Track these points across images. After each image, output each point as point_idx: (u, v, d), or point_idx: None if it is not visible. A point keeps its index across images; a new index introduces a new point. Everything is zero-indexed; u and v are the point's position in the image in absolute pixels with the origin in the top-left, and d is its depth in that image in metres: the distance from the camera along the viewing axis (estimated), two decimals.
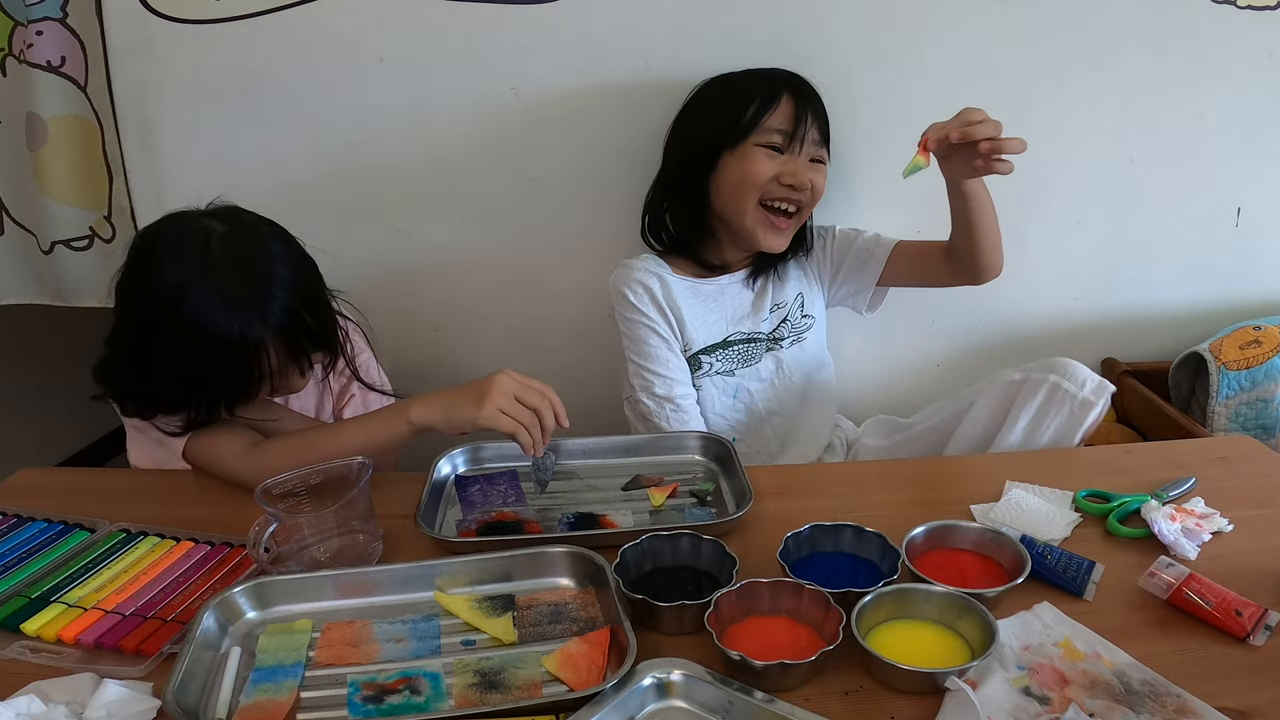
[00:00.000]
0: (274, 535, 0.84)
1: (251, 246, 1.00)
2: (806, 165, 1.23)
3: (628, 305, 1.29)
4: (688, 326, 1.29)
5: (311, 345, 1.03)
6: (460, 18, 1.37)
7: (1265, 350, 1.55)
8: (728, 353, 1.33)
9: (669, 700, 0.70)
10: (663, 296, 1.28)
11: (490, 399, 0.95)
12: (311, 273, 1.07)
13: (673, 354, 1.29)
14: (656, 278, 1.29)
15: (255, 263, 0.99)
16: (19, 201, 1.56)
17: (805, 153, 1.23)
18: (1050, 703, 0.70)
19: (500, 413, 0.94)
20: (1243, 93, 1.54)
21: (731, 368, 1.33)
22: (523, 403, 0.96)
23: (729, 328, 1.33)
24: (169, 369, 0.98)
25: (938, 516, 0.89)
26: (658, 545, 0.85)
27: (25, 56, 1.41)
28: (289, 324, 0.98)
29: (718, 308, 1.33)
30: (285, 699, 0.71)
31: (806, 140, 1.22)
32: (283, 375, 1.02)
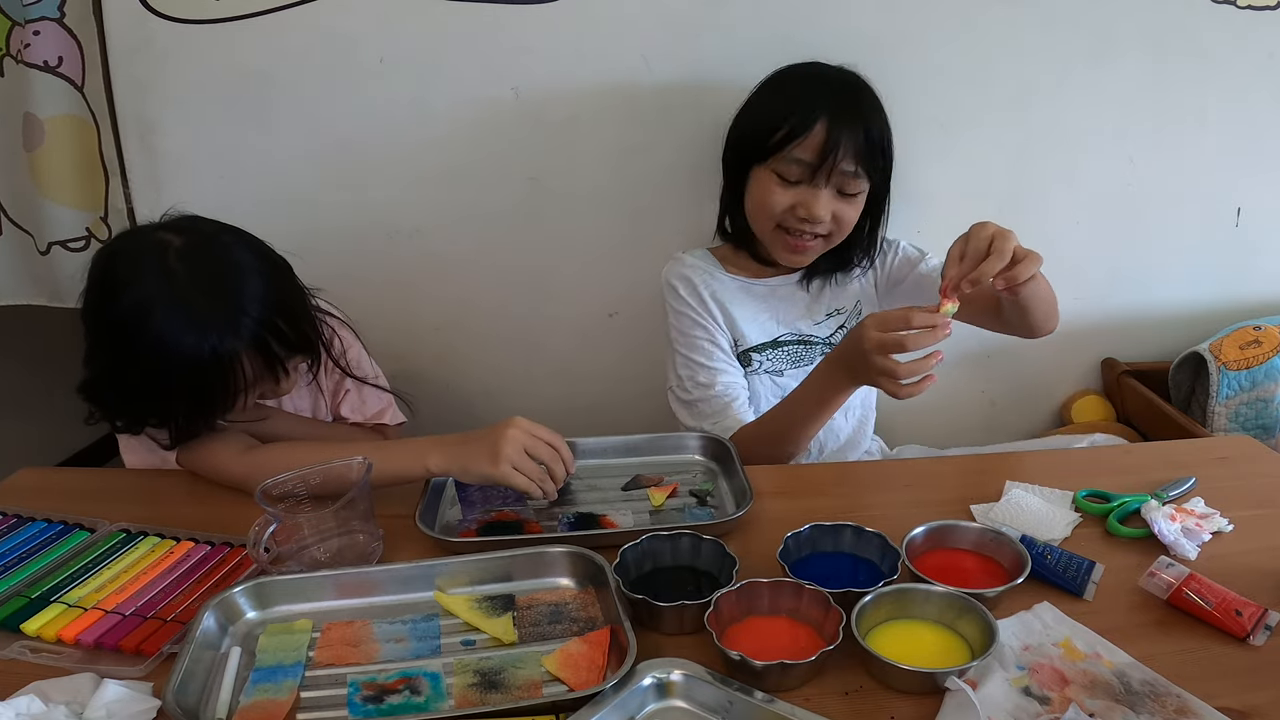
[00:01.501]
0: (274, 535, 0.84)
1: (213, 258, 0.98)
2: (828, 199, 1.17)
3: (674, 296, 1.29)
4: (737, 323, 1.28)
5: (288, 352, 1.01)
6: (460, 18, 1.37)
7: (1265, 350, 1.55)
8: (778, 353, 1.31)
9: (669, 700, 0.70)
10: (707, 291, 1.27)
11: (504, 456, 0.95)
12: (282, 277, 1.04)
13: (718, 347, 1.27)
14: (704, 272, 1.29)
15: (220, 275, 0.97)
16: (16, 202, 1.56)
17: (831, 184, 1.17)
18: (1050, 703, 0.70)
19: (514, 470, 0.95)
20: (1243, 93, 1.54)
21: (781, 368, 1.31)
22: (534, 456, 0.97)
23: (780, 328, 1.31)
24: (146, 389, 0.97)
25: (938, 516, 0.89)
26: (658, 545, 0.85)
27: (22, 56, 1.41)
28: (261, 334, 0.96)
29: (768, 307, 1.31)
30: (285, 699, 0.71)
31: (834, 173, 1.15)
32: (262, 384, 1.01)
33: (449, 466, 0.98)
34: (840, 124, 1.14)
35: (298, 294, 1.06)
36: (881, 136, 1.18)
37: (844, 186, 1.17)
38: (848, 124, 1.15)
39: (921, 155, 1.54)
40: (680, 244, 1.58)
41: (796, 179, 1.17)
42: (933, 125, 1.51)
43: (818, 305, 1.32)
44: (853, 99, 1.18)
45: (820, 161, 1.14)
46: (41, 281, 1.60)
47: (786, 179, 1.17)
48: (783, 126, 1.15)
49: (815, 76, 1.22)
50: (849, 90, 1.20)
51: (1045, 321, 1.18)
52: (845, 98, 1.18)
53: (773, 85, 1.24)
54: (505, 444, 0.95)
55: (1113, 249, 1.63)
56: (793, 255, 1.24)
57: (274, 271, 1.03)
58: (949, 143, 1.53)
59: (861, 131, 1.15)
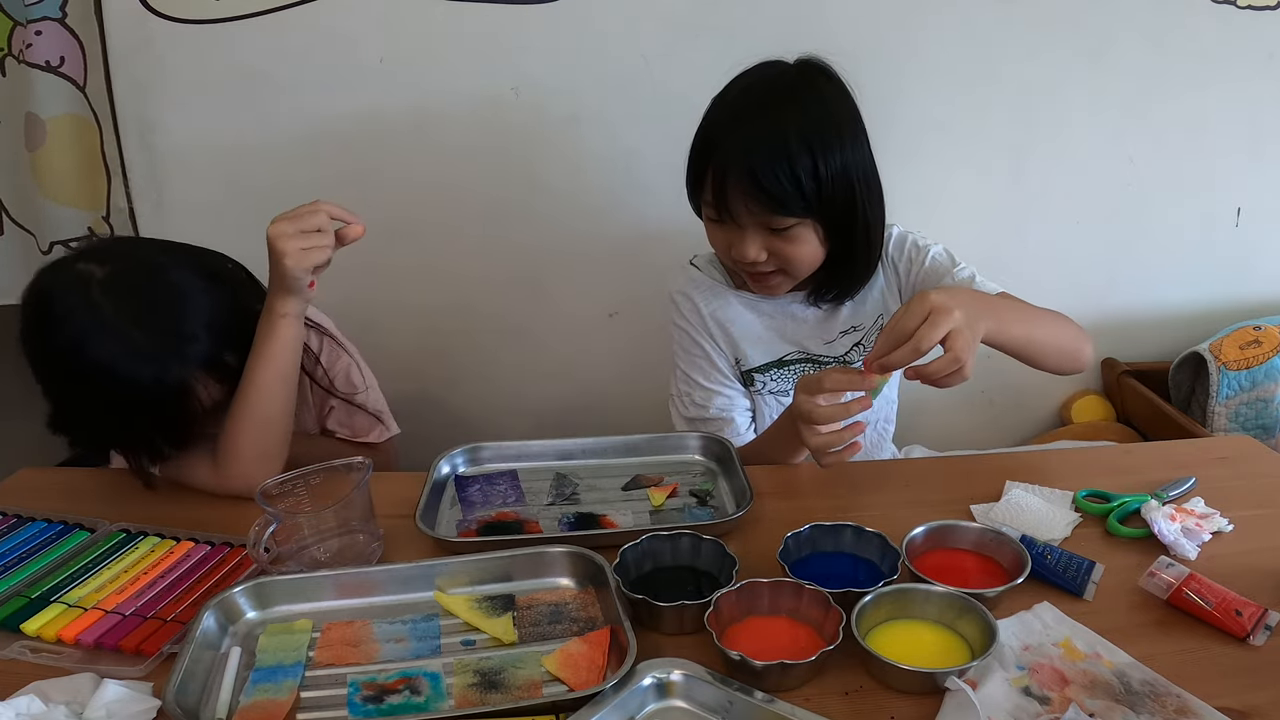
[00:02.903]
0: (274, 535, 0.84)
1: (142, 285, 0.95)
2: (756, 238, 1.05)
3: (675, 311, 1.23)
4: (739, 343, 1.20)
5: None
6: (460, 18, 1.37)
7: (1265, 350, 1.55)
8: (783, 373, 1.22)
9: (669, 700, 0.70)
10: (708, 309, 1.20)
11: (286, 254, 0.93)
12: (232, 291, 1.01)
13: (715, 367, 1.21)
14: (707, 289, 1.21)
15: (154, 303, 0.94)
16: (18, 202, 1.56)
17: (752, 224, 1.04)
18: (1050, 703, 0.70)
19: (303, 251, 0.93)
20: (1243, 93, 1.55)
21: (786, 388, 1.23)
22: (309, 230, 0.95)
23: (787, 346, 1.22)
24: (105, 422, 0.96)
25: (938, 516, 0.89)
26: (658, 545, 0.85)
27: (24, 56, 1.42)
28: (214, 353, 0.94)
29: (775, 325, 1.21)
30: (285, 699, 0.71)
31: (746, 214, 1.03)
32: (227, 401, 0.99)
33: (279, 295, 0.97)
34: (735, 164, 1.01)
35: (253, 305, 1.01)
36: (816, 165, 1.00)
37: (770, 224, 1.03)
38: (754, 162, 0.99)
39: (921, 155, 1.54)
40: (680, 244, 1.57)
41: (717, 217, 1.06)
42: (933, 125, 1.52)
43: (830, 323, 1.21)
44: (766, 128, 1.01)
45: (719, 204, 1.04)
46: None
47: (712, 217, 1.08)
48: (690, 164, 1.09)
49: (732, 101, 1.08)
50: (766, 115, 1.02)
51: (1059, 367, 1.07)
52: (757, 126, 1.02)
53: (708, 108, 1.11)
54: (280, 244, 0.93)
55: (1113, 249, 1.63)
56: (761, 289, 1.16)
57: (220, 288, 1.00)
58: (949, 143, 1.53)
59: (775, 166, 0.99)
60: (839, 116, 1.05)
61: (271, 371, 0.97)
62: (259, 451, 1.00)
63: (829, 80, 1.08)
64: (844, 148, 1.03)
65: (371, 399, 1.23)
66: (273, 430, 1.00)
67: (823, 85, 1.07)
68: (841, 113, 1.06)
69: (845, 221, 1.06)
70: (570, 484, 1.04)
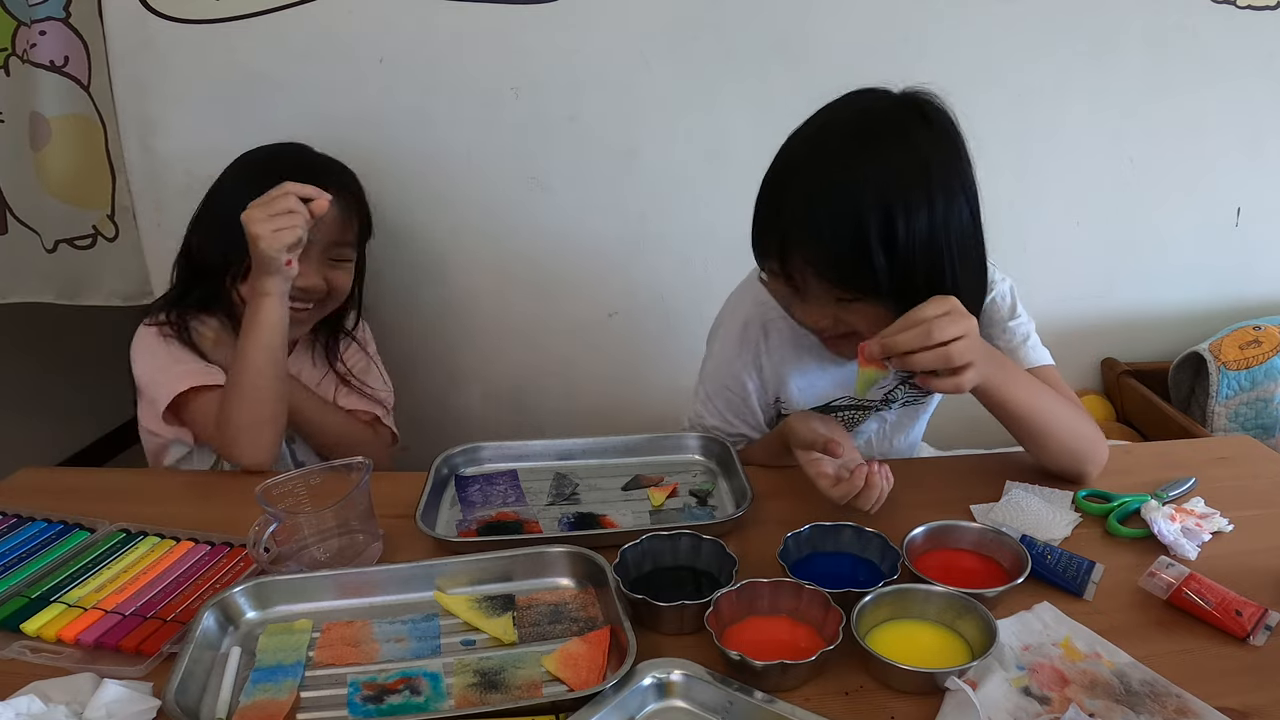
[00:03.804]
0: (274, 535, 0.84)
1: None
2: (821, 307, 0.94)
3: (728, 334, 1.12)
4: (788, 385, 1.10)
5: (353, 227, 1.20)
6: (460, 18, 1.37)
7: (1265, 350, 1.55)
8: (853, 416, 1.15)
9: (669, 700, 0.70)
10: (764, 346, 1.08)
11: (260, 238, 1.00)
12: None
13: (747, 407, 1.11)
14: (772, 323, 1.08)
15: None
16: (22, 200, 1.56)
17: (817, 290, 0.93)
18: (1050, 703, 0.70)
19: (274, 232, 1.00)
20: (1243, 93, 1.55)
21: (851, 425, 1.16)
22: (279, 213, 1.01)
23: (837, 392, 1.11)
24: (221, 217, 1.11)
25: (938, 516, 0.89)
26: (658, 545, 0.85)
27: (29, 56, 1.42)
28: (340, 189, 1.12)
29: (828, 370, 1.10)
30: (285, 699, 0.71)
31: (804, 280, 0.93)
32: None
33: (260, 276, 1.04)
34: (798, 224, 0.90)
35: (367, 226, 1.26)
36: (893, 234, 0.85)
37: (836, 294, 0.93)
38: (819, 224, 0.88)
39: None
40: (680, 244, 1.58)
41: (780, 270, 0.95)
42: None
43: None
44: (837, 182, 0.88)
45: (781, 262, 0.93)
46: (48, 279, 1.61)
47: (774, 270, 0.96)
48: (755, 209, 0.96)
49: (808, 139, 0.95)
50: (839, 165, 0.89)
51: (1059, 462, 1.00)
52: (827, 178, 0.89)
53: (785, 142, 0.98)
54: (252, 227, 1.00)
55: (1113, 249, 1.63)
56: (831, 349, 1.04)
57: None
58: None
59: (841, 232, 0.87)
60: (932, 170, 0.88)
61: (258, 346, 1.05)
62: (252, 419, 1.06)
63: (927, 124, 0.91)
64: (933, 209, 0.86)
65: (379, 387, 1.31)
66: (262, 400, 1.07)
67: (916, 129, 0.89)
68: (937, 165, 0.88)
69: (927, 294, 0.85)
70: (570, 484, 1.04)
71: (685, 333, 1.63)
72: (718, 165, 1.51)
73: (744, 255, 1.65)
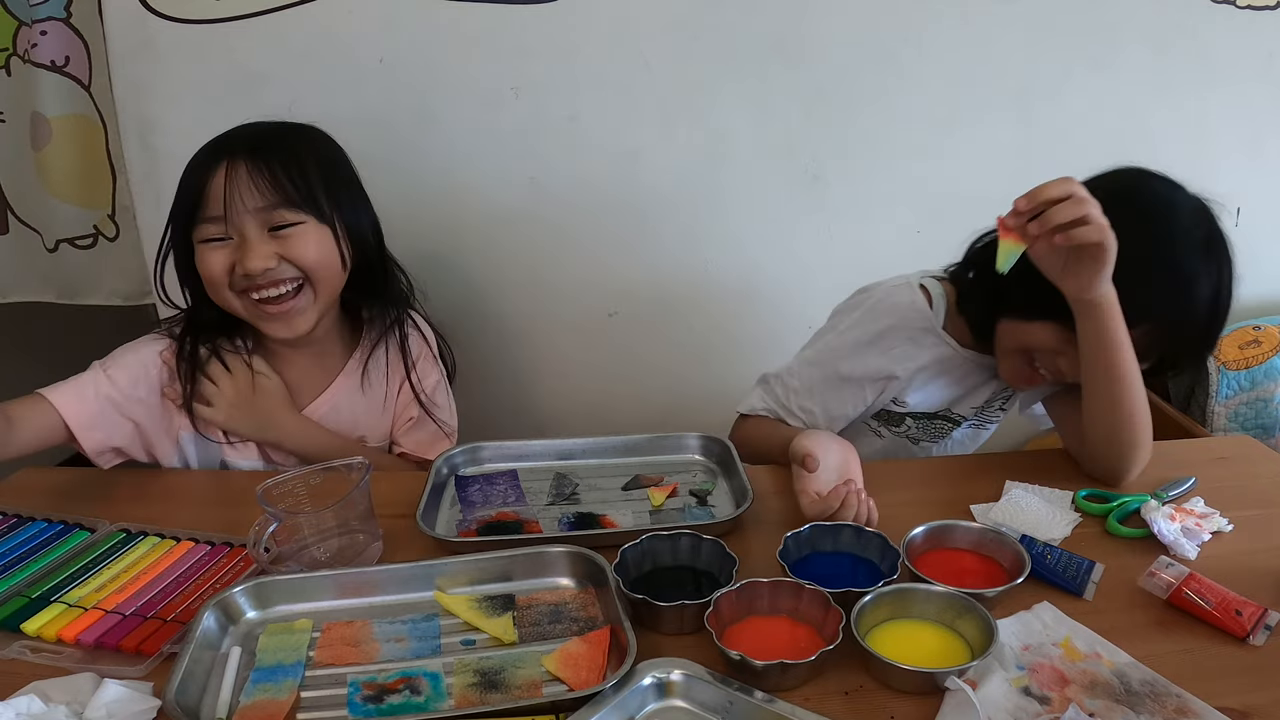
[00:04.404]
0: (274, 535, 0.84)
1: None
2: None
3: (871, 327, 1.12)
4: (911, 390, 1.13)
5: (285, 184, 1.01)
6: (460, 18, 1.37)
7: (1265, 350, 1.55)
8: (929, 424, 1.18)
9: (669, 700, 0.70)
10: (913, 351, 1.11)
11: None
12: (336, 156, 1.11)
13: (845, 390, 1.13)
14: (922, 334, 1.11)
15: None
16: (23, 200, 1.57)
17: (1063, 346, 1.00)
18: (1050, 703, 0.70)
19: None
20: (1243, 93, 1.55)
21: (919, 438, 1.20)
22: None
23: (949, 404, 1.17)
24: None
25: (938, 516, 0.89)
26: (658, 545, 0.85)
27: (29, 56, 1.42)
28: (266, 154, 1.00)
29: (953, 381, 1.14)
30: (285, 699, 0.71)
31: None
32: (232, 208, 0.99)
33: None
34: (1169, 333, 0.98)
35: (338, 166, 1.10)
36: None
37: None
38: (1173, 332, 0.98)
39: (922, 155, 1.54)
40: (680, 244, 1.58)
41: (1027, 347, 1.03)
42: (933, 125, 1.52)
43: (985, 390, 1.17)
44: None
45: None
46: (48, 278, 1.61)
47: (1011, 348, 1.05)
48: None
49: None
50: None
51: (1103, 443, 1.01)
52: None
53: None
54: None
55: None
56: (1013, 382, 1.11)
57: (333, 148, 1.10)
58: (949, 143, 1.53)
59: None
60: None
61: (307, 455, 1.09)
62: None
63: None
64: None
65: (446, 420, 1.22)
66: None
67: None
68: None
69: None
70: (570, 484, 1.04)
71: (685, 333, 1.64)
72: (718, 165, 1.51)
73: (743, 255, 1.66)
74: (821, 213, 1.57)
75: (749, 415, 1.20)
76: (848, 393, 1.14)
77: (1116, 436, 1.00)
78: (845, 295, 1.26)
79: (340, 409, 1.14)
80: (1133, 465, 1.01)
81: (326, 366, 1.15)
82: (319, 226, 1.04)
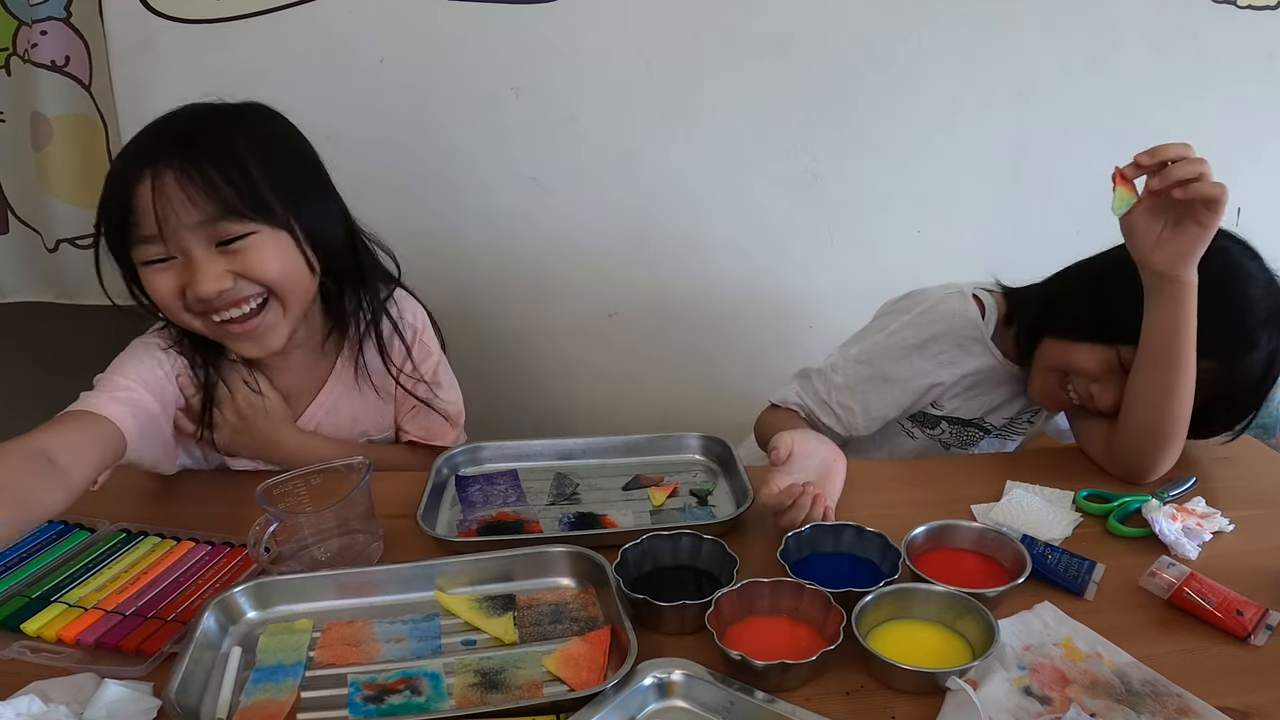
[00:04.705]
0: (274, 535, 0.84)
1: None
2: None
3: (923, 333, 1.13)
4: (951, 397, 1.16)
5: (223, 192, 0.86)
6: (460, 18, 1.37)
7: None
8: (964, 431, 1.20)
9: (669, 700, 0.70)
10: (961, 358, 1.13)
11: None
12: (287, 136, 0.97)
13: (889, 389, 1.15)
14: (971, 343, 1.13)
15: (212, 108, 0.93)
16: (24, 200, 1.56)
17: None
18: (1051, 703, 0.70)
19: None
20: (1243, 93, 1.55)
21: (950, 442, 1.21)
22: None
23: (982, 411, 1.19)
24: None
25: (938, 516, 0.89)
26: (658, 545, 0.85)
27: (30, 56, 1.42)
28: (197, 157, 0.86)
29: (989, 390, 1.17)
30: (286, 699, 0.71)
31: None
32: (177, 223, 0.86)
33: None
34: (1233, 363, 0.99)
35: (296, 156, 0.96)
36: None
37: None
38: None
39: (921, 155, 1.54)
40: (680, 244, 1.58)
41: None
42: (933, 125, 1.52)
43: (1016, 403, 1.20)
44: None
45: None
46: (49, 278, 1.61)
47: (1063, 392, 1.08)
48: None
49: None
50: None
51: (1137, 432, 1.00)
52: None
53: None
54: None
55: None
56: (1048, 405, 1.15)
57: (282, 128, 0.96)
58: (949, 143, 1.53)
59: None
60: None
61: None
62: None
63: None
64: None
65: (451, 400, 1.17)
66: None
67: None
68: None
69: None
70: (570, 484, 1.04)
71: (686, 332, 1.64)
72: (718, 165, 1.51)
73: (743, 255, 1.66)
74: (821, 213, 1.57)
75: (779, 406, 1.21)
76: (891, 393, 1.15)
77: (1158, 429, 0.99)
78: (845, 295, 1.27)
79: (339, 408, 1.12)
80: (1162, 463, 1.02)
81: (317, 367, 1.10)
82: (274, 234, 0.92)
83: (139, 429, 0.92)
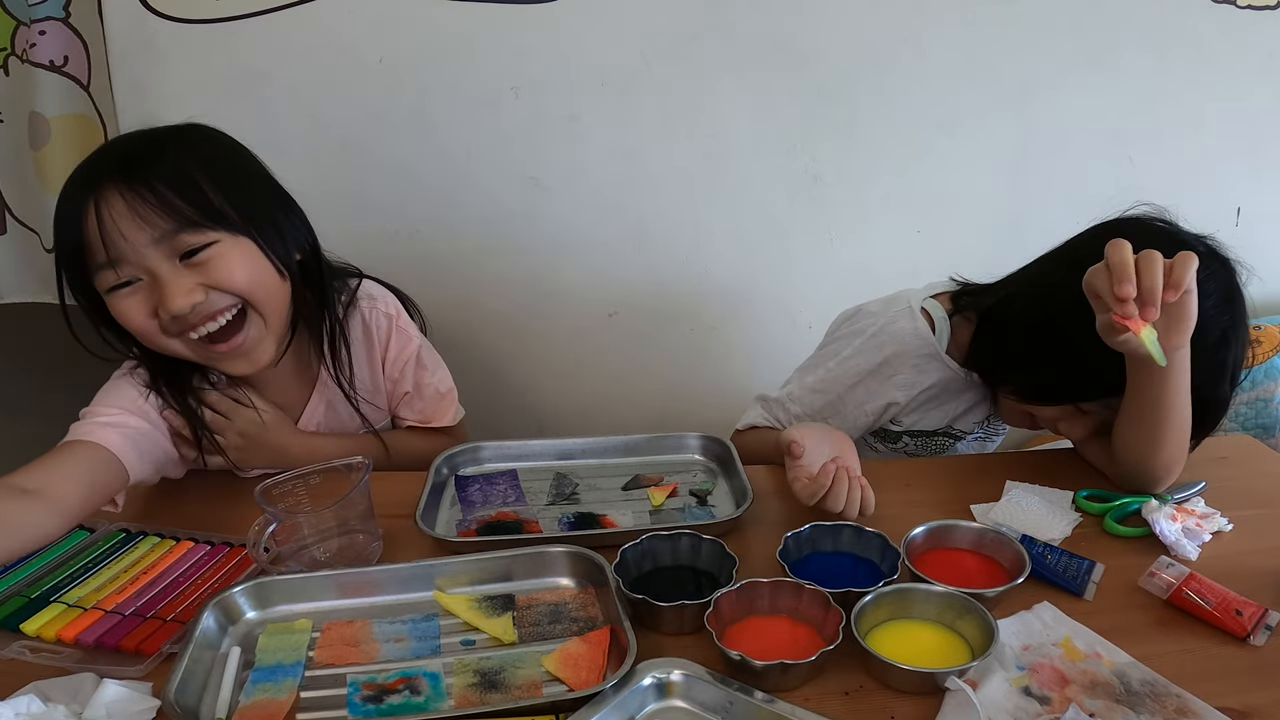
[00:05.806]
0: (274, 535, 0.84)
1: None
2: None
3: (877, 356, 1.12)
4: (911, 412, 1.16)
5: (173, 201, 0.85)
6: (460, 18, 1.37)
7: (1265, 350, 1.55)
8: (930, 441, 1.20)
9: (669, 700, 0.70)
10: (917, 379, 1.12)
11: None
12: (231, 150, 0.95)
13: (846, 413, 1.14)
14: (926, 360, 1.12)
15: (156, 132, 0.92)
16: (22, 200, 1.56)
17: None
18: (1050, 703, 0.70)
19: None
20: (1243, 93, 1.55)
21: (916, 452, 1.21)
22: None
23: (945, 421, 1.18)
24: None
25: (937, 516, 0.89)
26: (658, 545, 0.85)
27: (28, 56, 1.42)
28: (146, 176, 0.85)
29: (949, 399, 1.16)
30: (285, 699, 0.71)
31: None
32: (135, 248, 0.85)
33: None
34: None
35: (241, 163, 0.95)
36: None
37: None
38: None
39: (922, 155, 1.54)
40: (680, 244, 1.58)
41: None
42: (933, 125, 1.52)
43: (988, 404, 1.18)
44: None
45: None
46: (47, 279, 1.60)
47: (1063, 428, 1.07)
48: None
49: None
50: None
51: (1136, 449, 0.97)
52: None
53: None
54: None
55: None
56: (1012, 422, 1.16)
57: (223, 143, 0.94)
58: (949, 143, 1.53)
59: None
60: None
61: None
62: None
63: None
64: None
65: (440, 379, 1.17)
66: None
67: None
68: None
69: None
70: (570, 484, 1.04)
71: (685, 332, 1.64)
72: (718, 165, 1.51)
73: (743, 255, 1.66)
74: (821, 212, 1.57)
75: (744, 430, 1.20)
76: (848, 419, 1.15)
77: (1154, 465, 0.98)
78: (845, 295, 1.26)
79: (336, 409, 1.12)
80: (1165, 481, 1.00)
81: (304, 373, 1.09)
82: (237, 241, 0.91)
83: (130, 445, 0.92)
